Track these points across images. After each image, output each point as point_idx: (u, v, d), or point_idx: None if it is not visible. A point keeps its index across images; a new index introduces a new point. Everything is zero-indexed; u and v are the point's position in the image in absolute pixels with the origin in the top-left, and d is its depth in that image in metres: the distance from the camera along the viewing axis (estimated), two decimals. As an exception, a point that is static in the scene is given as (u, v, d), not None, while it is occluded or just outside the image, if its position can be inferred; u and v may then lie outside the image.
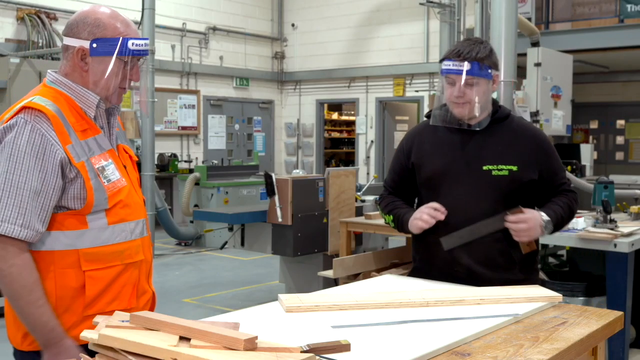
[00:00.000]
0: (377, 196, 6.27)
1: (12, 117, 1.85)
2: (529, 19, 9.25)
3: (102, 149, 1.94)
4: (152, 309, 2.10)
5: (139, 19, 10.11)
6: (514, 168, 2.53)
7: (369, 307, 2.02)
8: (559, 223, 2.56)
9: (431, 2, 9.61)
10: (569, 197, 2.63)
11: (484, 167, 2.53)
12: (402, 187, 2.76)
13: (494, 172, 2.52)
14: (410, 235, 2.87)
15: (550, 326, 1.94)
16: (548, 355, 1.69)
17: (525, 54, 7.81)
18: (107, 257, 1.91)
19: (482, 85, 2.51)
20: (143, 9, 9.78)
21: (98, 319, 1.68)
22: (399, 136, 13.75)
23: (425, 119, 2.76)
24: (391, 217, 2.74)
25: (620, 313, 2.13)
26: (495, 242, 2.53)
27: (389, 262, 5.29)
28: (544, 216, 2.49)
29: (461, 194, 2.54)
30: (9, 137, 1.81)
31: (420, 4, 9.94)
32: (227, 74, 13.36)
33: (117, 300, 1.94)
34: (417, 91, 12.57)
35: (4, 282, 1.81)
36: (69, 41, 1.95)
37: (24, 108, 1.85)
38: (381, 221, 5.16)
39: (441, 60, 2.56)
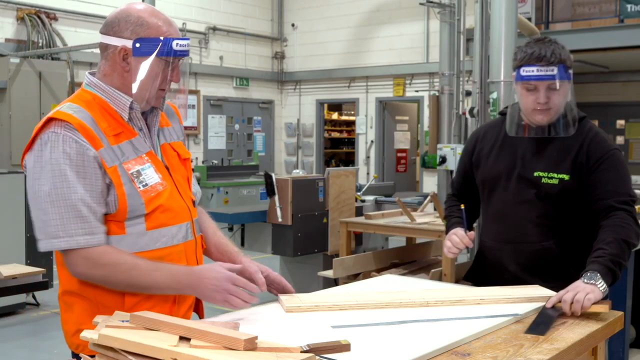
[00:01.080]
0: (378, 196, 6.27)
1: (41, 130, 1.81)
2: (529, 19, 9.25)
3: (138, 152, 1.88)
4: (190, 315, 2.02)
5: (139, 19, 10.11)
6: (566, 177, 2.36)
7: (369, 307, 2.02)
8: (612, 266, 2.16)
9: (431, 2, 9.60)
10: (614, 223, 2.26)
11: (535, 174, 2.40)
12: (466, 188, 2.66)
13: (543, 180, 2.38)
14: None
15: (557, 324, 1.93)
16: (548, 355, 1.69)
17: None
18: None
19: (565, 88, 2.35)
20: (143, 9, 9.74)
21: (98, 319, 1.67)
22: (398, 136, 13.76)
23: (499, 116, 2.63)
24: (446, 222, 2.66)
25: (620, 313, 2.13)
26: (544, 250, 2.41)
27: (389, 262, 5.29)
28: (584, 276, 2.12)
29: (510, 200, 2.44)
30: (47, 154, 1.78)
31: (420, 4, 9.94)
32: (227, 74, 13.36)
33: (156, 307, 1.84)
34: (417, 91, 12.57)
35: (112, 282, 1.81)
36: (109, 40, 1.89)
37: (51, 120, 1.81)
38: (381, 221, 5.16)
39: (518, 67, 2.36)
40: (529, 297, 2.17)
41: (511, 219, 2.44)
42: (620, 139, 13.19)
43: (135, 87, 1.88)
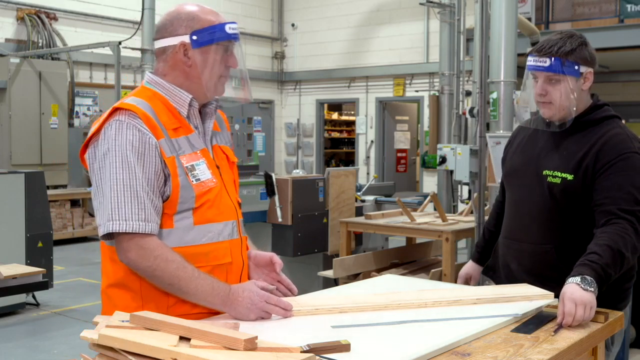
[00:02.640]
0: (378, 196, 6.27)
1: (107, 119, 1.87)
2: (529, 19, 9.25)
3: (193, 148, 1.94)
4: None
5: (138, 19, 10.11)
6: (569, 177, 2.30)
7: (368, 309, 2.01)
8: (603, 277, 2.06)
9: (431, 2, 9.60)
10: (612, 231, 2.14)
11: (544, 172, 2.37)
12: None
13: (548, 179, 2.35)
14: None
15: (551, 326, 1.93)
16: (548, 355, 1.69)
17: (525, 54, 7.80)
18: (192, 258, 1.87)
19: (567, 83, 2.30)
20: (143, 9, 9.77)
21: (98, 319, 1.68)
22: (398, 136, 13.77)
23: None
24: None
25: (620, 313, 2.13)
26: (543, 253, 2.38)
27: (389, 262, 5.29)
28: (576, 279, 2.01)
29: (520, 197, 2.45)
30: (111, 141, 1.84)
31: (420, 4, 9.94)
32: (227, 74, 13.35)
33: (197, 307, 1.88)
34: (417, 91, 12.58)
35: (157, 276, 1.83)
36: (165, 42, 1.97)
37: (116, 109, 1.88)
38: (381, 221, 5.15)
39: (527, 55, 2.42)
40: (524, 295, 2.17)
41: (519, 216, 2.45)
42: (620, 139, 13.19)
43: (202, 78, 1.95)
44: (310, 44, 14.04)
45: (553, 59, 2.29)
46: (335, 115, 16.92)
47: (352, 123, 15.40)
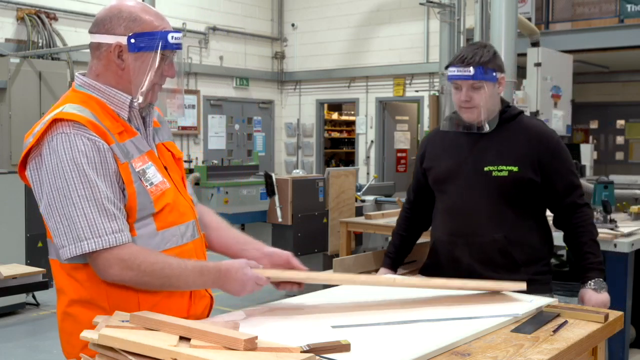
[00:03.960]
0: (378, 196, 6.27)
1: (45, 132, 1.74)
2: (529, 19, 9.25)
3: (140, 152, 1.84)
4: (209, 313, 2.00)
5: (139, 19, 10.11)
6: (514, 169, 2.52)
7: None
8: (603, 267, 2.55)
9: (431, 2, 9.61)
10: (585, 223, 2.58)
11: (485, 169, 2.55)
12: (421, 194, 2.82)
13: (494, 174, 2.53)
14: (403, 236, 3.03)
15: (551, 326, 1.94)
16: (548, 355, 1.69)
17: (525, 54, 7.81)
18: None
19: (487, 89, 2.53)
20: (143, 9, 9.73)
21: (98, 319, 1.67)
22: (398, 136, 13.76)
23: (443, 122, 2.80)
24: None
25: (620, 313, 2.13)
26: (494, 242, 2.55)
27: (389, 262, 5.28)
28: (590, 284, 2.51)
29: (463, 196, 2.58)
30: (60, 156, 1.71)
31: (420, 4, 9.94)
32: (227, 74, 13.36)
33: (174, 309, 1.82)
34: (417, 91, 12.57)
35: (146, 282, 1.76)
36: (100, 38, 1.83)
37: (56, 121, 1.74)
38: (381, 221, 5.16)
39: (446, 67, 2.58)
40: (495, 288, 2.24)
41: (463, 213, 2.58)
42: (620, 139, 13.20)
43: (133, 84, 1.84)
44: (310, 44, 14.03)
45: (476, 68, 2.50)
46: (335, 115, 16.92)
47: (352, 123, 15.40)
